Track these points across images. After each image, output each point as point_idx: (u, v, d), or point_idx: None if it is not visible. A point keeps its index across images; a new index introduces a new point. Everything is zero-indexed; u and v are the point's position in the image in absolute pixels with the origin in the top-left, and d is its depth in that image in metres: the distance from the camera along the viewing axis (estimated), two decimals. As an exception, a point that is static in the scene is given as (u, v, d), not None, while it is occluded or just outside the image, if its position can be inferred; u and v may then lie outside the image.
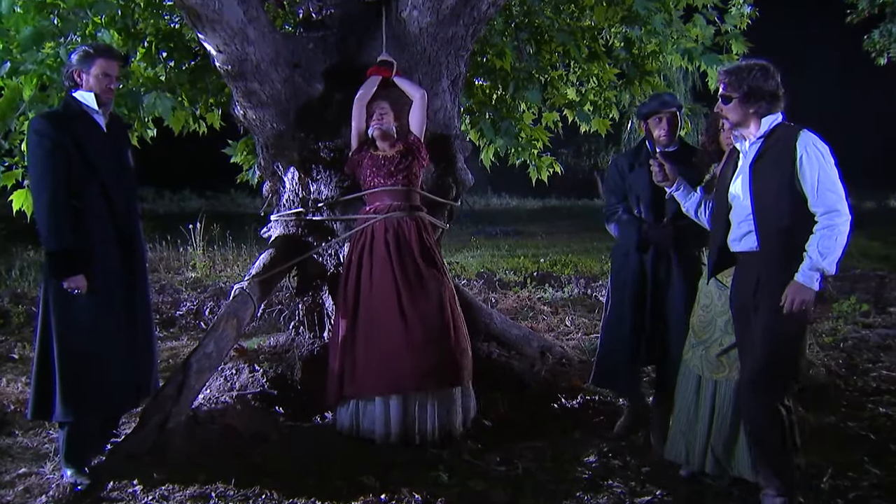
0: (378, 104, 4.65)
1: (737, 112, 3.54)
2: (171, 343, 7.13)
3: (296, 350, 5.26)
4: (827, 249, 3.31)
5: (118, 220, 3.95)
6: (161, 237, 12.60)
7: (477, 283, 9.98)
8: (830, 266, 3.32)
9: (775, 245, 3.45)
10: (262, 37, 4.63)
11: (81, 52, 3.94)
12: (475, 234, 16.88)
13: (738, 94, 3.50)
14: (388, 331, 4.40)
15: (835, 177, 3.36)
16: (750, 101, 3.49)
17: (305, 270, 5.18)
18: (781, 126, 3.51)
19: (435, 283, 4.48)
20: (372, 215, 4.60)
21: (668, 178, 3.98)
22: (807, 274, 3.34)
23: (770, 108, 3.50)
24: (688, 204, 4.00)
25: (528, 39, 6.52)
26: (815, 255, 3.32)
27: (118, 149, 4.07)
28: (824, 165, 3.35)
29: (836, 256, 3.33)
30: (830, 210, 3.33)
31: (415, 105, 4.73)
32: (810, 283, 3.34)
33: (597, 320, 7.56)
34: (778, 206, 3.44)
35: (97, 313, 3.86)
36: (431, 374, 4.38)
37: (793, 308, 3.36)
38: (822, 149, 3.38)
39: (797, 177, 3.39)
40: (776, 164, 3.45)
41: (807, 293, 3.35)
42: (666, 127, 4.38)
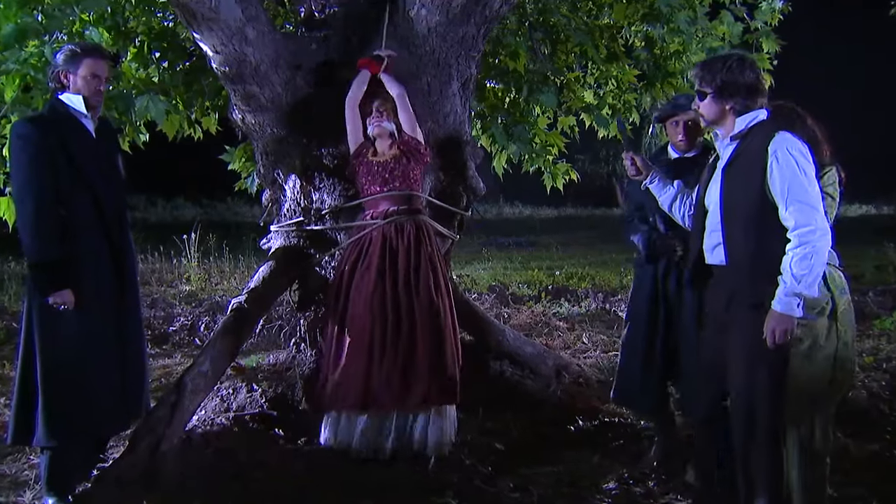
0: (376, 101, 4.67)
1: (711, 108, 3.46)
2: (163, 361, 7.13)
3: (297, 368, 5.26)
4: (803, 272, 3.18)
5: (108, 230, 3.93)
6: (153, 248, 12.63)
7: (488, 298, 9.97)
8: (809, 289, 3.21)
9: (744, 259, 3.37)
10: (262, 37, 4.64)
11: (68, 52, 3.92)
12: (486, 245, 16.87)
13: (712, 89, 3.42)
14: (375, 346, 4.41)
15: (809, 185, 3.24)
16: (725, 96, 3.40)
17: (307, 284, 5.19)
18: (758, 125, 3.40)
19: (428, 297, 4.47)
20: (370, 221, 4.62)
21: (640, 172, 3.95)
22: (784, 301, 3.22)
23: (748, 104, 3.40)
24: (662, 198, 3.94)
25: (543, 39, 6.54)
26: (789, 280, 3.20)
27: (108, 155, 4.06)
28: (797, 172, 3.23)
29: (814, 277, 3.21)
30: (803, 225, 3.20)
31: (398, 104, 4.71)
32: (789, 310, 3.22)
33: (616, 337, 7.54)
34: (746, 217, 3.35)
35: (84, 330, 3.84)
36: (417, 396, 4.39)
37: (775, 341, 3.24)
38: (796, 153, 3.26)
39: (767, 184, 3.29)
40: (748, 168, 3.35)
41: (787, 322, 3.23)
42: (682, 131, 4.34)
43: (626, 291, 9.98)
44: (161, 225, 21.14)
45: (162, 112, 5.47)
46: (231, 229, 15.33)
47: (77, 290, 3.79)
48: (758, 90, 3.41)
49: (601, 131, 7.06)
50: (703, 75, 3.45)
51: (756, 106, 3.41)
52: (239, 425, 4.78)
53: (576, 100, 6.91)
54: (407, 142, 4.68)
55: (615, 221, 26.84)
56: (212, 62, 4.75)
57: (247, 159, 6.55)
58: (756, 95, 3.40)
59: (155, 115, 5.46)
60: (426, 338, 4.43)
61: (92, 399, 3.86)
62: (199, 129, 6.52)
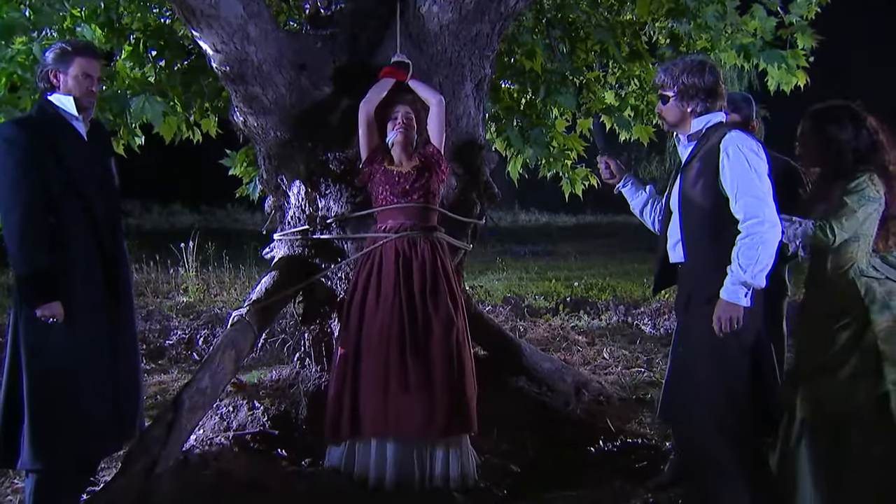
0: (401, 108, 4.63)
1: (673, 112, 3.70)
2: (159, 377, 7.14)
3: (301, 385, 5.26)
4: (749, 261, 3.38)
5: (100, 238, 3.92)
6: (148, 257, 12.67)
7: (503, 310, 9.97)
8: (756, 279, 3.39)
9: (700, 256, 3.60)
10: (265, 35, 4.63)
11: (57, 50, 3.91)
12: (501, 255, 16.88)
13: (674, 92, 3.66)
14: (390, 368, 4.38)
15: (759, 180, 3.43)
16: (685, 99, 3.64)
17: (312, 296, 5.18)
18: (713, 127, 3.62)
19: (445, 320, 4.45)
20: (382, 234, 4.59)
21: (614, 176, 4.14)
22: (730, 289, 3.43)
23: (707, 107, 3.63)
24: (634, 203, 4.14)
25: (562, 37, 6.53)
26: (736, 268, 3.40)
27: (100, 159, 4.06)
28: (747, 167, 3.44)
29: (761, 268, 3.39)
30: (751, 217, 3.40)
31: (432, 112, 4.71)
32: (736, 298, 3.42)
33: (639, 352, 7.54)
34: (702, 213, 3.57)
35: (74, 345, 3.81)
36: (436, 420, 4.35)
37: (721, 329, 3.45)
38: (747, 150, 3.46)
39: (720, 180, 3.50)
40: (703, 167, 3.57)
41: (734, 310, 3.43)
42: None
43: (649, 304, 9.98)
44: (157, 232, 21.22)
45: (159, 114, 5.50)
46: (231, 237, 15.39)
47: (67, 302, 3.77)
48: (717, 93, 3.65)
49: (623, 134, 7.05)
50: (664, 79, 3.70)
51: (715, 108, 3.65)
52: (239, 445, 4.78)
53: (596, 101, 6.91)
54: (430, 154, 4.66)
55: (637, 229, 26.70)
56: (211, 61, 4.74)
57: (248, 164, 6.55)
58: (715, 98, 3.65)
59: (151, 116, 5.49)
60: (446, 363, 4.40)
61: (81, 418, 3.83)
62: (197, 132, 6.54)
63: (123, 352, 4.05)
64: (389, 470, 4.37)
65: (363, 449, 4.43)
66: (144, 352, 7.63)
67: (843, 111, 3.79)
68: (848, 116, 3.76)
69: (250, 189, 6.73)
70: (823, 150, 3.80)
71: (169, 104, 5.75)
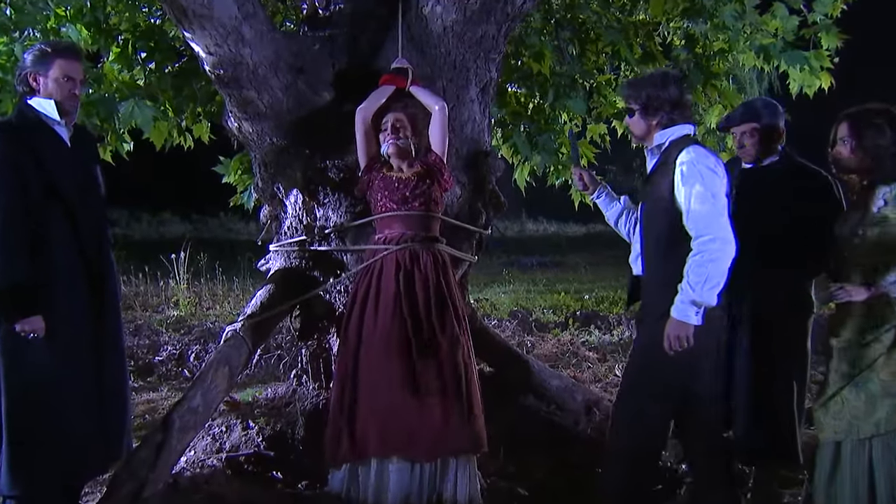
0: (394, 116, 4.60)
1: (639, 125, 3.89)
2: (148, 395, 7.15)
3: (298, 403, 5.26)
4: (699, 279, 3.51)
5: (85, 249, 3.93)
6: (137, 268, 12.69)
7: (510, 324, 9.97)
8: (706, 297, 3.52)
9: (655, 270, 3.79)
10: (260, 36, 4.63)
11: (37, 52, 3.92)
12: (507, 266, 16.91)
13: (639, 105, 3.85)
14: (392, 386, 4.34)
15: (712, 198, 3.57)
16: (650, 112, 3.82)
17: (310, 310, 5.19)
18: (677, 140, 3.77)
19: (449, 336, 4.42)
20: (382, 246, 4.56)
21: (587, 187, 4.31)
22: (679, 308, 3.56)
23: (673, 118, 3.80)
24: (609, 213, 4.30)
25: (571, 38, 6.54)
26: (686, 286, 3.54)
27: (84, 166, 4.07)
28: (702, 183, 3.57)
29: (711, 286, 3.51)
30: (702, 234, 3.55)
31: (434, 118, 4.69)
32: (685, 317, 3.55)
33: (653, 369, 7.51)
34: (659, 227, 3.74)
35: (56, 362, 3.81)
36: (442, 441, 4.32)
37: (671, 347, 3.59)
38: (703, 165, 3.61)
39: (675, 195, 3.66)
40: (661, 180, 3.74)
41: (683, 329, 3.56)
42: (740, 141, 4.58)
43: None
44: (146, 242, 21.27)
45: (149, 119, 5.50)
46: (224, 248, 15.41)
47: (48, 316, 3.76)
48: (681, 104, 3.83)
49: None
50: (629, 93, 3.91)
51: (680, 120, 3.82)
52: (232, 467, 4.77)
53: (607, 105, 6.92)
54: (433, 162, 4.63)
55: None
56: (204, 64, 4.73)
57: (243, 171, 6.54)
58: (680, 109, 3.82)
59: (141, 122, 5.50)
60: (450, 381, 4.37)
61: (64, 439, 3.83)
62: (189, 138, 6.55)
63: (110, 368, 4.05)
64: (391, 493, 4.32)
65: (365, 472, 4.39)
66: (133, 368, 7.63)
67: (881, 115, 3.74)
68: (887, 120, 3.72)
69: (245, 198, 6.71)
70: (861, 157, 3.77)
71: (159, 109, 5.76)
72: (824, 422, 3.77)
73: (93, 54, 5.69)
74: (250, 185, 6.30)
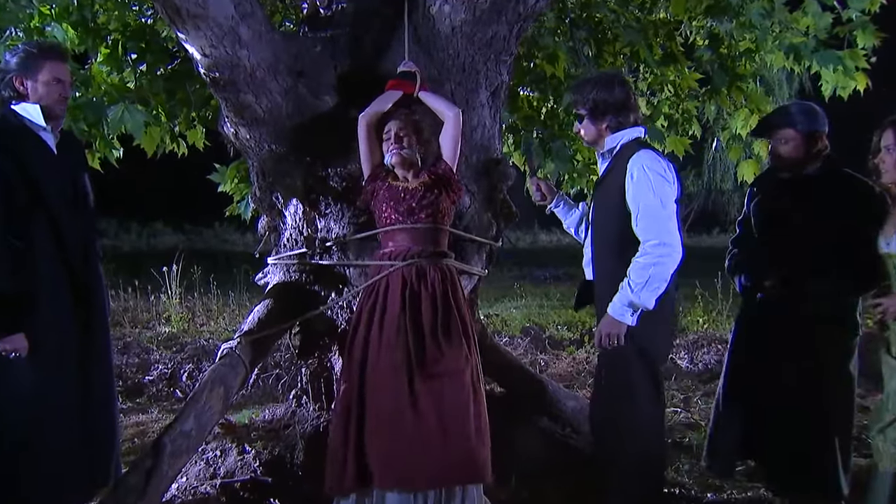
0: (396, 124, 4.55)
1: (588, 130, 4.14)
2: (137, 417, 7.14)
3: (297, 426, 5.27)
4: (640, 280, 3.76)
5: (71, 262, 3.93)
6: (126, 282, 12.69)
7: (522, 342, 9.96)
8: (645, 300, 3.79)
9: (605, 274, 4.01)
10: (258, 37, 4.61)
11: (23, 54, 3.94)
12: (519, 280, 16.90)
13: (586, 110, 4.11)
14: (397, 410, 4.29)
15: (661, 203, 3.80)
16: (597, 116, 4.07)
17: (310, 327, 5.19)
18: (629, 144, 4.00)
19: (458, 358, 4.37)
20: (387, 262, 4.52)
21: (545, 197, 4.56)
22: (617, 307, 3.85)
23: (621, 122, 4.05)
24: (568, 222, 4.56)
25: (587, 39, 6.54)
26: (626, 286, 3.80)
27: (72, 174, 4.08)
28: (652, 187, 3.80)
29: (651, 290, 3.77)
30: (649, 239, 3.78)
31: (447, 126, 4.64)
32: (621, 316, 3.85)
33: (675, 390, 7.52)
34: (609, 232, 3.94)
35: (39, 381, 3.81)
36: (447, 469, 4.28)
37: (600, 342, 3.92)
38: (653, 171, 3.82)
39: (626, 199, 3.88)
40: (611, 185, 3.97)
41: (616, 327, 3.87)
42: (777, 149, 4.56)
43: (684, 335, 9.96)
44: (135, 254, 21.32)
45: (140, 124, 5.49)
46: (219, 260, 15.41)
47: (31, 334, 3.77)
48: (628, 107, 4.06)
49: (655, 146, 7.03)
50: (575, 98, 4.16)
51: (629, 123, 4.07)
52: (227, 494, 4.78)
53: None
54: (442, 171, 4.59)
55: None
56: (199, 66, 4.72)
57: (240, 180, 6.57)
58: (627, 112, 4.06)
59: (131, 127, 5.48)
60: (459, 405, 4.32)
61: (46, 464, 3.82)
62: (183, 145, 6.57)
63: (97, 390, 4.05)
64: None
65: (370, 501, 4.36)
66: (121, 389, 7.64)
67: None
68: None
69: (242, 208, 6.72)
70: None
71: (151, 113, 5.77)
72: (883, 449, 3.75)
73: (80, 55, 5.70)
74: (247, 194, 6.31)
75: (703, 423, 6.20)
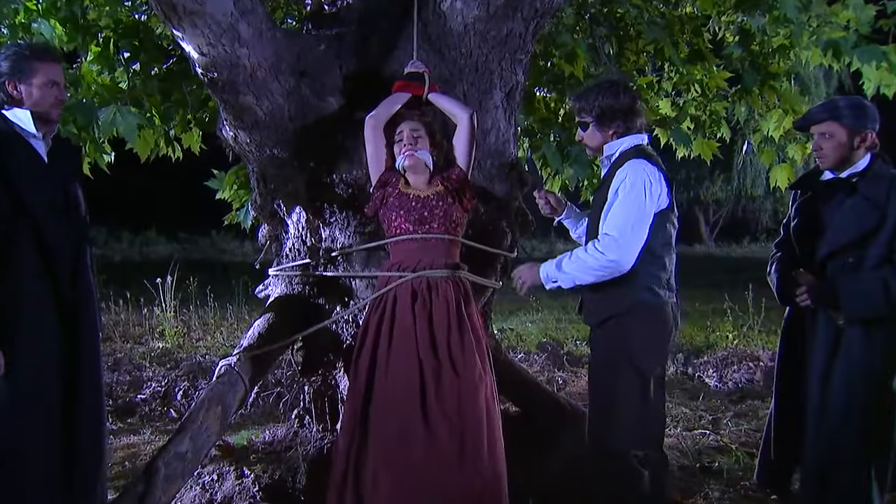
0: (409, 125, 4.58)
1: (595, 138, 4.27)
2: (128, 438, 7.13)
3: (299, 448, 5.27)
4: (572, 263, 4.06)
5: (57, 275, 3.92)
6: (117, 294, 12.69)
7: (538, 358, 9.94)
8: (562, 279, 4.11)
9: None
10: (259, 35, 4.61)
11: (15, 56, 3.93)
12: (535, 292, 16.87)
13: (592, 118, 4.22)
14: (406, 433, 4.28)
15: (629, 215, 3.95)
16: (605, 123, 4.20)
17: (314, 342, 5.19)
18: (626, 151, 4.12)
19: (471, 376, 4.35)
20: (396, 274, 4.51)
21: (555, 210, 4.73)
22: (546, 268, 4.17)
23: (628, 127, 4.18)
24: (577, 232, 4.71)
25: (608, 36, 6.54)
26: (565, 258, 4.11)
27: (62, 183, 4.07)
28: (627, 197, 3.95)
29: (572, 276, 4.07)
30: (602, 249, 3.97)
31: (461, 130, 4.65)
32: (544, 276, 4.17)
33: (703, 410, 7.50)
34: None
35: (18, 402, 3.79)
36: (462, 496, 4.26)
37: (515, 281, 4.31)
38: (636, 181, 3.96)
39: None
40: (604, 192, 4.12)
41: (535, 281, 4.24)
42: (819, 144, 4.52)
43: (713, 352, 9.94)
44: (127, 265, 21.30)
45: (133, 127, 5.50)
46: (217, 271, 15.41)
47: (11, 352, 3.75)
48: (634, 112, 4.20)
49: (681, 150, 7.04)
50: (581, 106, 4.27)
51: (635, 128, 4.20)
52: (225, 521, 4.78)
53: (648, 111, 6.87)
54: (455, 178, 4.60)
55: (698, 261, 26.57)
56: (196, 66, 4.73)
57: (239, 186, 6.56)
58: (634, 117, 4.19)
59: (124, 130, 5.50)
60: (472, 427, 4.30)
61: (28, 491, 3.81)
62: (178, 149, 6.58)
63: (84, 410, 4.02)
64: None
65: None
66: (111, 408, 7.65)
67: None
68: None
69: (241, 216, 6.70)
70: None
71: (144, 115, 5.78)
72: None
73: (69, 54, 5.72)
74: (247, 201, 6.31)
75: (735, 446, 6.18)
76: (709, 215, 39.16)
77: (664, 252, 4.13)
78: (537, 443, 5.56)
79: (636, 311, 4.09)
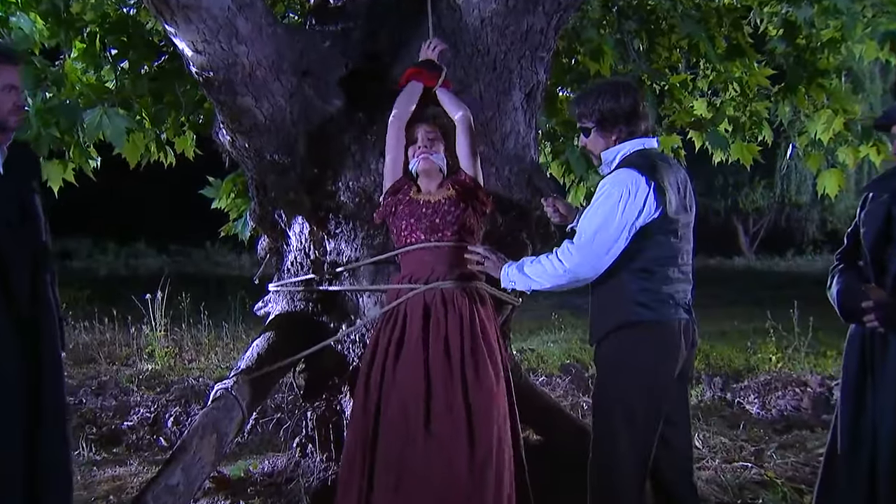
0: (424, 127, 4.60)
1: (598, 143, 4.28)
2: (113, 470, 7.07)
3: (301, 479, 5.28)
4: (532, 268, 4.17)
5: (14, 291, 3.89)
6: (102, 311, 12.67)
7: (561, 381, 9.91)
8: (520, 281, 4.22)
9: (592, 292, 4.30)
10: (258, 31, 4.62)
11: None
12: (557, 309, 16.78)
13: (593, 123, 4.24)
14: (416, 461, 4.28)
15: (595, 226, 4.02)
16: (607, 128, 4.21)
17: (317, 364, 5.21)
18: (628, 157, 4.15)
19: (487, 398, 4.35)
20: (406, 286, 4.51)
21: (565, 217, 4.71)
22: (508, 268, 4.26)
23: (631, 131, 4.19)
24: None
25: (637, 31, 6.54)
26: (522, 262, 4.23)
27: (19, 194, 4.03)
28: (599, 208, 4.02)
29: (530, 280, 4.19)
30: (563, 249, 4.08)
31: (459, 130, 4.69)
32: (504, 274, 4.28)
33: (743, 440, 7.47)
34: None
35: None
36: None
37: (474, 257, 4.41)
38: (612, 192, 4.00)
39: None
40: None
41: (493, 269, 4.35)
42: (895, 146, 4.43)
43: (754, 375, 9.90)
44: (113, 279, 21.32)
45: (121, 130, 5.51)
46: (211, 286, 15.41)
47: None
48: (637, 114, 4.21)
49: (717, 154, 7.03)
50: (581, 111, 4.29)
51: (639, 131, 4.22)
52: (220, 559, 4.79)
53: (682, 112, 6.90)
54: (464, 181, 4.63)
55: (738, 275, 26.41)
56: (190, 65, 4.75)
57: (237, 195, 6.57)
58: (637, 120, 4.21)
59: (111, 133, 5.50)
60: (487, 454, 4.29)
61: None
62: (171, 154, 6.60)
63: (46, 442, 3.98)
64: None
65: None
66: (95, 437, 7.63)
67: None
68: None
69: (239, 227, 6.69)
70: None
71: (134, 118, 5.80)
72: None
73: (51, 50, 5.74)
74: (245, 211, 6.32)
75: (780, 480, 6.15)
76: (748, 225, 38.79)
77: (664, 265, 4.13)
78: (560, 473, 5.57)
79: (630, 328, 4.13)
